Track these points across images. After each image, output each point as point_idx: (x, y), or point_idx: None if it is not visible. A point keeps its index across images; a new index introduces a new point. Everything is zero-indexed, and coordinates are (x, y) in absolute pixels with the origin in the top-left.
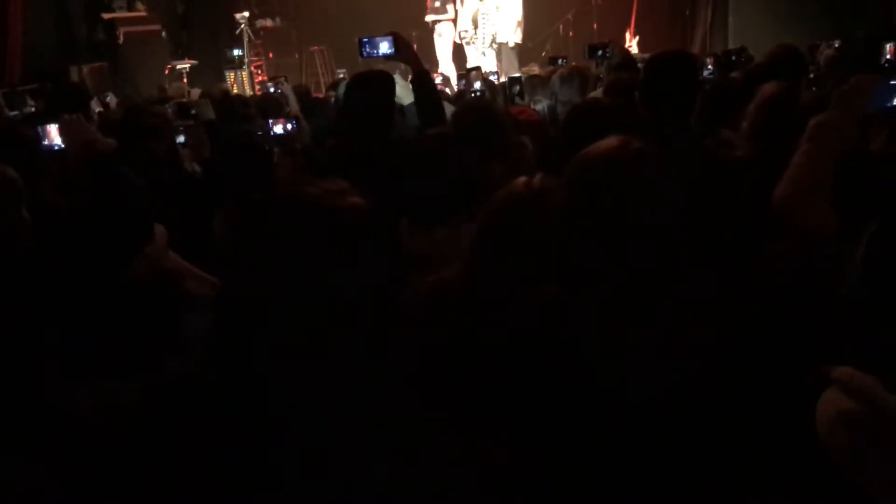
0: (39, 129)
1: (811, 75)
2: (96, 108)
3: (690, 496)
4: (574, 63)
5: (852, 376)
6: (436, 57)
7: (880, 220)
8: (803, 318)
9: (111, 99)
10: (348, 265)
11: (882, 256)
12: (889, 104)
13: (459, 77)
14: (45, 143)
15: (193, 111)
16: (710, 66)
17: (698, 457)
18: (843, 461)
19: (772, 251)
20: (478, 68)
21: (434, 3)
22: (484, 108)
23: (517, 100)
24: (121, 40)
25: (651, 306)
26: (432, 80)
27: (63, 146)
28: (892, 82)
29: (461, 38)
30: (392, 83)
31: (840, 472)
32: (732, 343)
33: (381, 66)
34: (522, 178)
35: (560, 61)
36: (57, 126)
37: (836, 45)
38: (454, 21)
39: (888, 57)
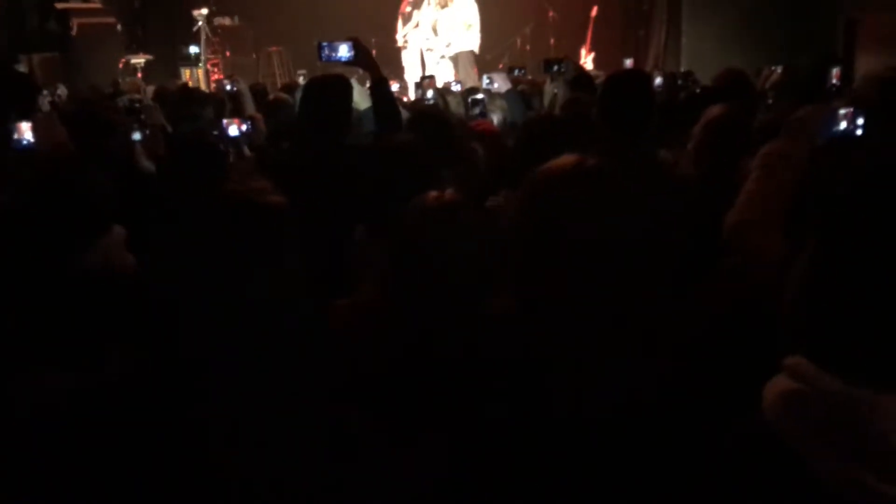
0: (11, 126)
1: (769, 101)
2: (47, 100)
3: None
4: (530, 77)
5: (799, 363)
6: (402, 64)
7: (818, 239)
8: (753, 332)
9: (62, 91)
10: (271, 262)
11: (820, 275)
12: (836, 132)
13: (416, 86)
14: (15, 137)
15: (143, 116)
16: (658, 79)
17: (654, 474)
18: (788, 437)
19: (722, 269)
20: (431, 77)
21: (405, 9)
22: (436, 115)
23: (477, 118)
24: (74, 32)
25: (607, 324)
26: (390, 87)
27: (32, 144)
28: (839, 111)
29: (423, 46)
30: (349, 87)
31: (788, 448)
32: (688, 359)
33: (339, 71)
34: (433, 192)
35: (517, 72)
36: (30, 124)
37: (780, 70)
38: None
39: (834, 81)
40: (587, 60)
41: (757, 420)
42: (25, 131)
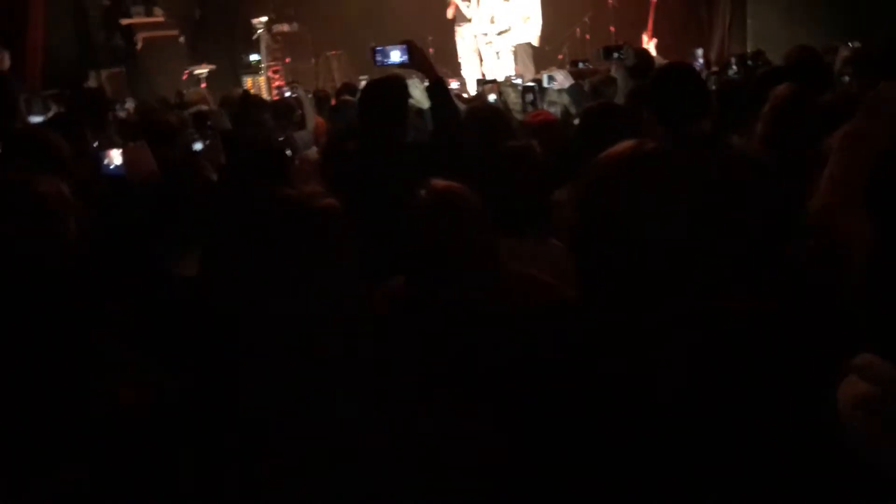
0: (101, 153)
1: (845, 78)
2: (121, 114)
3: (711, 495)
4: (592, 67)
5: (871, 362)
6: (458, 60)
7: (884, 219)
8: (829, 315)
9: (130, 104)
10: (327, 264)
11: (886, 255)
12: None
13: (477, 83)
14: (105, 163)
15: (210, 122)
16: (734, 67)
17: (721, 457)
18: (860, 444)
19: (797, 254)
20: (493, 81)
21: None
22: (491, 113)
23: (528, 108)
24: (139, 46)
25: (670, 309)
26: (447, 88)
27: (121, 169)
28: None
29: (479, 40)
30: (404, 88)
31: (857, 456)
32: (757, 343)
33: (398, 71)
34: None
35: (581, 64)
36: (120, 151)
37: (855, 46)
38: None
39: None
40: (649, 46)
41: (830, 423)
42: (115, 158)
